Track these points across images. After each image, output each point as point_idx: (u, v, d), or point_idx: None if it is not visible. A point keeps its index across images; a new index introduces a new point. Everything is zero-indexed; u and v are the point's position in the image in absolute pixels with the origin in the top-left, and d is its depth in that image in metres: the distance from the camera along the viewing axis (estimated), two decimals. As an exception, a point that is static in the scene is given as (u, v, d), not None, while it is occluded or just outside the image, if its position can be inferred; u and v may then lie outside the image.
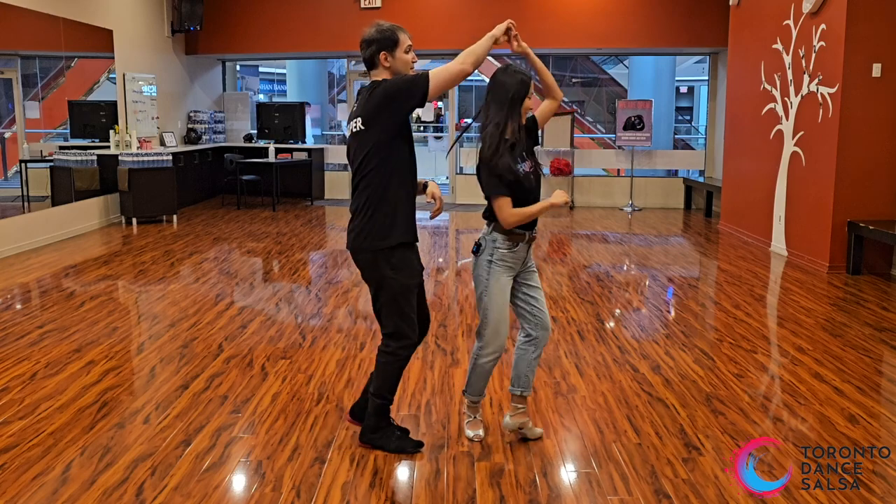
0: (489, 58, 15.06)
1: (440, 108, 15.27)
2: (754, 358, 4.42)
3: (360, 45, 3.03)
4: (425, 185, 3.17)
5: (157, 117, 10.53)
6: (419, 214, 3.07)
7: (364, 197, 2.96)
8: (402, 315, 3.02)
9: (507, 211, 3.00)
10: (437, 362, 4.27)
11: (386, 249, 2.96)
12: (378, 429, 3.14)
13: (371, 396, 3.12)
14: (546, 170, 11.06)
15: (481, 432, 3.28)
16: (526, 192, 3.04)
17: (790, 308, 5.56)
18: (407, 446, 3.13)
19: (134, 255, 7.37)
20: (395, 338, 3.05)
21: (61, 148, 9.01)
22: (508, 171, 2.97)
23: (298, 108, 12.07)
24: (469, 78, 3.16)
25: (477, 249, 3.12)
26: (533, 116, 3.22)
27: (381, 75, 3.00)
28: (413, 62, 3.02)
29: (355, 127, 2.97)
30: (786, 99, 7.57)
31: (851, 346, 4.61)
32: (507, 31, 3.05)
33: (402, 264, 2.99)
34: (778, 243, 7.67)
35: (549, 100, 3.29)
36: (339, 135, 15.63)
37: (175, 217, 9.44)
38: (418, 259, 3.07)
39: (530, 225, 3.10)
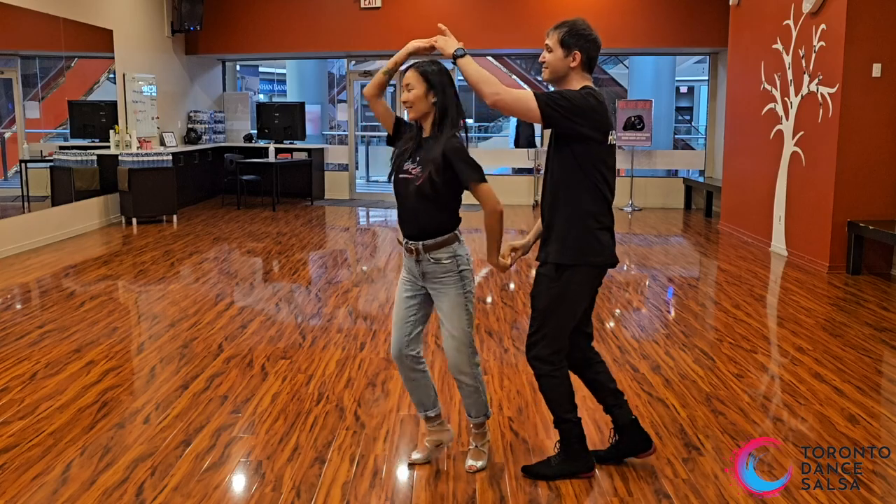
0: (491, 59, 14.94)
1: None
2: (754, 358, 4.42)
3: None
4: None
5: (157, 117, 10.53)
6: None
7: None
8: None
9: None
10: (437, 362, 4.27)
11: None
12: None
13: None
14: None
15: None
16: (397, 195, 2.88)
17: (790, 308, 5.56)
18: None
19: (134, 255, 7.37)
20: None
21: (61, 148, 9.01)
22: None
23: (298, 108, 12.08)
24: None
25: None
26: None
27: None
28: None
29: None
30: (786, 99, 7.57)
31: (851, 346, 4.60)
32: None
33: None
34: (778, 243, 7.67)
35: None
36: (339, 135, 15.64)
37: (175, 217, 9.44)
38: None
39: (413, 235, 2.85)
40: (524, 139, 12.29)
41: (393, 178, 2.89)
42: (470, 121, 17.35)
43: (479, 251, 7.94)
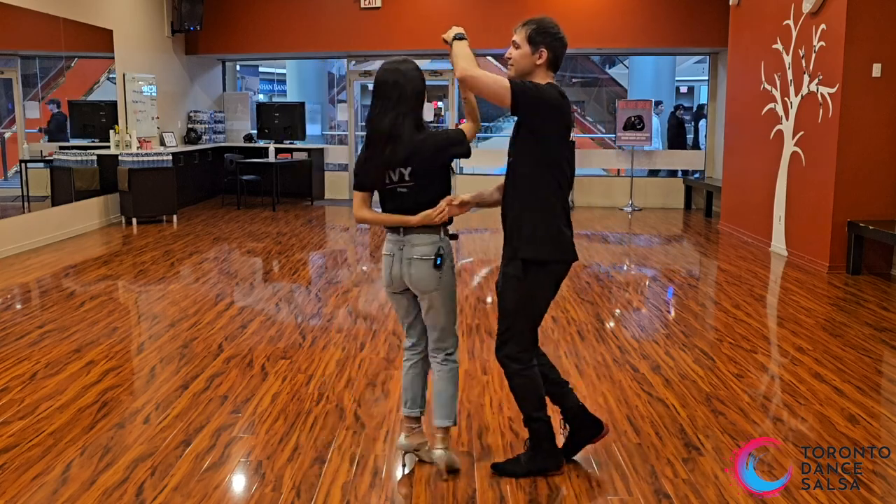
0: (491, 59, 14.95)
1: (440, 108, 15.26)
2: (754, 358, 4.42)
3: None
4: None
5: (157, 117, 10.53)
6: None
7: None
8: None
9: None
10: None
11: None
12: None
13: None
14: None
15: None
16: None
17: (790, 308, 5.56)
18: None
19: (134, 255, 7.37)
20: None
21: (61, 148, 9.01)
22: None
23: (298, 108, 12.08)
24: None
25: (441, 262, 2.82)
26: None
27: None
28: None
29: None
30: (786, 99, 7.57)
31: (851, 346, 4.60)
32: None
33: None
34: (778, 243, 7.67)
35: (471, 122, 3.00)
36: (339, 135, 15.63)
37: (175, 217, 9.44)
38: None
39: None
40: None
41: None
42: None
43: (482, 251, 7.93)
